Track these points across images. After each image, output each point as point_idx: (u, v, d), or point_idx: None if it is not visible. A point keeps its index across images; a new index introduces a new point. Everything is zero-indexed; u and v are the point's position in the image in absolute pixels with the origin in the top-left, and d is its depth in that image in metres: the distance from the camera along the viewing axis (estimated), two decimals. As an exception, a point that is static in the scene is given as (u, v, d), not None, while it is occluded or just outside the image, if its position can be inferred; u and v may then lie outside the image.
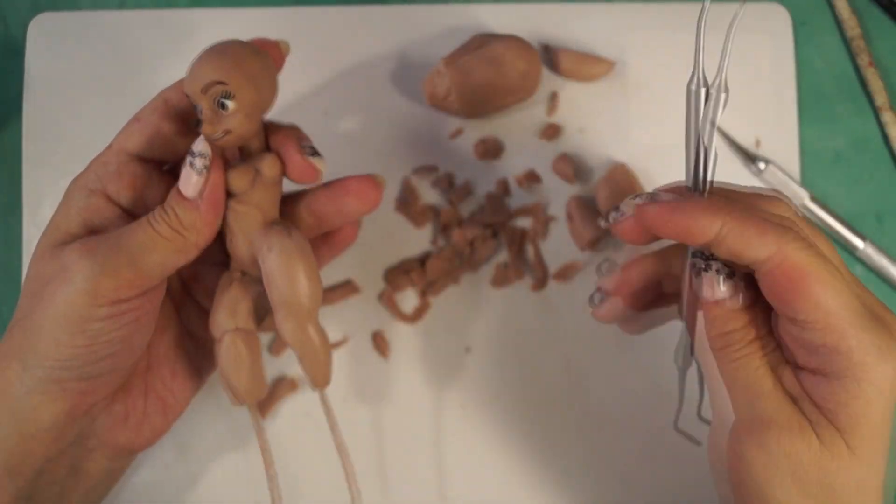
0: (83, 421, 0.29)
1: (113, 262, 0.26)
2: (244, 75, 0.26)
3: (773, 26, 0.42)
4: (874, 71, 0.42)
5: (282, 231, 0.29)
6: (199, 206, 0.27)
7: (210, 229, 0.28)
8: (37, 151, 0.41)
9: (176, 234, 0.27)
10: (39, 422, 0.27)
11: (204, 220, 0.28)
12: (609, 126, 0.42)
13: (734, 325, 0.25)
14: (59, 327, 0.26)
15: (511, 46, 0.38)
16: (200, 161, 0.27)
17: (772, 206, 0.26)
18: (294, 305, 0.28)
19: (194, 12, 0.43)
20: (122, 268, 0.26)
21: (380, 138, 0.42)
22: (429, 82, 0.39)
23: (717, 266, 0.25)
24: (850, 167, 0.42)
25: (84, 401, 0.28)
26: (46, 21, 0.42)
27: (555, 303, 0.40)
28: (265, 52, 0.28)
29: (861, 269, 0.42)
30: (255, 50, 0.27)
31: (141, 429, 0.31)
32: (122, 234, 0.27)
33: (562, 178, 0.41)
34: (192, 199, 0.27)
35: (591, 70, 0.41)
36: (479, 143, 0.41)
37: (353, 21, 0.42)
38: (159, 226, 0.27)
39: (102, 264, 0.26)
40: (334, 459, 0.39)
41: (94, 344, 0.27)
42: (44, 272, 0.27)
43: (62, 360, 0.27)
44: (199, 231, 0.28)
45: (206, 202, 0.27)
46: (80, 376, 0.28)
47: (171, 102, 0.29)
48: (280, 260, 0.28)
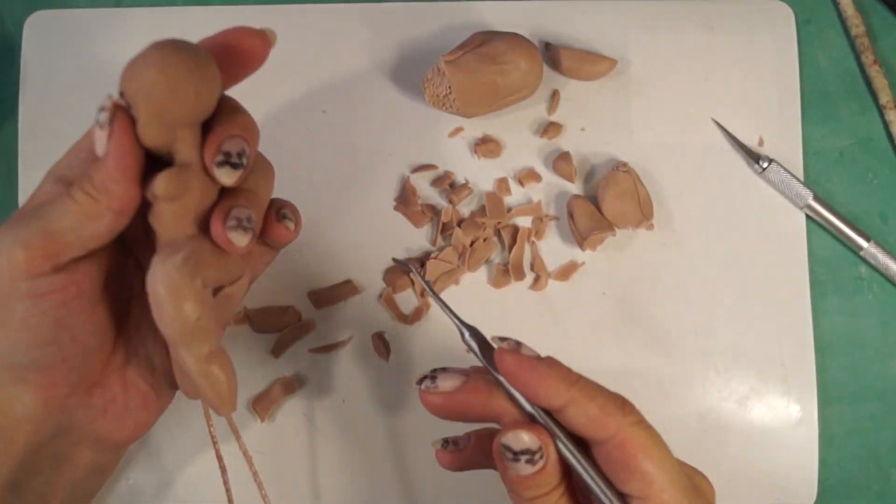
0: (60, 414, 0.29)
1: (25, 231, 0.26)
2: (138, 85, 0.26)
3: (777, 24, 0.42)
4: (878, 69, 0.42)
5: (166, 255, 0.27)
6: (108, 163, 0.26)
7: (120, 188, 0.26)
8: (33, 151, 0.41)
9: (88, 197, 0.26)
10: (14, 413, 0.28)
11: (111, 176, 0.26)
12: (611, 125, 0.41)
13: (548, 487, 0.26)
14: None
15: (512, 44, 0.38)
16: (104, 115, 0.26)
17: None
18: (185, 337, 0.27)
19: (191, 10, 0.42)
20: (34, 237, 0.26)
21: (379, 137, 0.41)
22: (429, 81, 0.39)
23: (527, 457, 0.26)
24: (855, 166, 0.42)
25: (51, 393, 0.28)
26: (42, 19, 0.42)
27: (555, 303, 0.40)
28: (195, 56, 0.26)
29: (866, 268, 0.41)
30: (176, 53, 0.26)
31: (123, 422, 0.31)
32: (42, 204, 0.27)
33: (562, 177, 0.41)
34: (103, 158, 0.26)
35: (592, 68, 0.41)
36: (479, 141, 0.41)
37: (352, 19, 0.42)
38: (75, 192, 0.26)
39: (16, 234, 0.26)
40: (334, 459, 0.39)
41: (26, 328, 0.27)
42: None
43: (4, 347, 0.27)
44: (111, 193, 0.26)
45: (112, 157, 0.26)
46: (33, 366, 0.27)
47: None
48: (159, 291, 0.26)
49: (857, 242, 0.40)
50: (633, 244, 0.41)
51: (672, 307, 0.40)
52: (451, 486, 0.39)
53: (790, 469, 0.39)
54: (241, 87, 0.41)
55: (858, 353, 0.41)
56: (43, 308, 0.27)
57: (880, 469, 0.40)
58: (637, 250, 0.41)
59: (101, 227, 0.27)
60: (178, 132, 0.26)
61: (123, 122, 0.26)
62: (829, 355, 0.41)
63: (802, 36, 0.42)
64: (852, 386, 0.41)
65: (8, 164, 0.41)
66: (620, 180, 0.39)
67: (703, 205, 0.41)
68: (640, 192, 0.39)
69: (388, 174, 0.41)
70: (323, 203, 0.41)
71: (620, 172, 0.39)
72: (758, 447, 0.39)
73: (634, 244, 0.41)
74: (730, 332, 0.40)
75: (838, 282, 0.41)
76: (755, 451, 0.39)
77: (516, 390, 0.27)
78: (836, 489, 0.40)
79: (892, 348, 0.41)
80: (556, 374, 0.26)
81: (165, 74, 0.25)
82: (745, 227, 0.41)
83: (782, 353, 0.40)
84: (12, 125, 0.41)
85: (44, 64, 0.41)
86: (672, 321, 0.40)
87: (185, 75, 0.26)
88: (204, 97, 0.26)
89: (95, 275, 0.28)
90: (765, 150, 0.41)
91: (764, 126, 0.41)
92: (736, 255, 0.41)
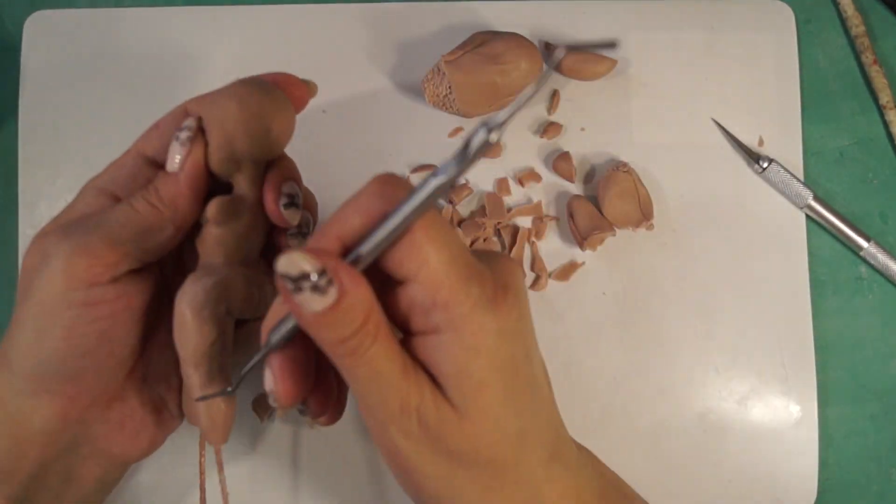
0: (77, 427, 0.29)
1: (86, 238, 0.26)
2: (218, 113, 0.28)
3: (777, 24, 0.42)
4: (878, 69, 0.42)
5: (199, 276, 0.28)
6: (179, 180, 0.28)
7: (186, 203, 0.28)
8: (33, 150, 0.41)
9: (152, 207, 0.27)
10: (31, 425, 0.27)
11: (181, 191, 0.28)
12: (611, 125, 0.41)
13: (354, 324, 0.22)
14: (38, 318, 0.26)
15: (512, 45, 0.38)
16: (185, 133, 0.28)
17: None
18: (196, 357, 0.28)
19: (191, 10, 0.42)
20: (94, 244, 0.26)
21: (379, 137, 0.41)
22: (429, 81, 0.39)
23: (313, 282, 0.21)
24: (855, 166, 0.42)
25: (74, 405, 0.28)
26: (42, 19, 0.42)
27: (554, 303, 0.40)
28: (276, 100, 0.28)
29: (866, 268, 0.41)
30: (258, 92, 0.28)
31: (137, 438, 0.31)
32: (100, 214, 0.27)
33: (563, 177, 0.41)
34: (174, 173, 0.28)
35: (592, 68, 0.41)
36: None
37: (352, 19, 0.42)
38: (137, 202, 0.27)
39: (76, 242, 0.26)
40: (333, 458, 0.39)
41: (71, 336, 0.27)
42: (29, 265, 0.27)
43: (42, 356, 0.27)
44: (176, 206, 0.28)
45: (186, 174, 0.28)
46: (63, 376, 0.27)
47: (192, 112, 0.30)
48: (184, 309, 0.27)
49: (857, 242, 0.40)
50: (633, 244, 0.41)
51: (672, 307, 0.40)
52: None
53: (790, 469, 0.39)
54: (241, 87, 0.41)
55: (858, 353, 0.41)
56: (91, 318, 0.27)
57: (880, 469, 0.40)
58: (637, 250, 0.41)
59: (161, 239, 0.28)
60: (242, 164, 0.28)
61: (201, 144, 0.28)
62: (829, 355, 0.41)
63: (802, 36, 0.42)
64: (852, 386, 0.41)
65: (8, 164, 0.41)
66: (620, 180, 0.39)
67: (703, 205, 0.41)
68: (641, 192, 0.39)
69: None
70: (323, 203, 0.41)
71: (620, 172, 0.39)
72: (758, 447, 0.39)
73: (634, 244, 0.41)
74: (730, 332, 0.40)
75: (838, 282, 0.41)
76: (755, 451, 0.39)
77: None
78: (836, 489, 0.40)
79: (892, 348, 0.41)
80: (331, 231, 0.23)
81: (244, 109, 0.27)
82: (745, 227, 0.41)
83: (782, 353, 0.40)
84: (12, 125, 0.41)
85: (44, 64, 0.41)
86: (672, 321, 0.40)
87: (262, 114, 0.28)
88: (274, 138, 0.28)
89: (143, 290, 0.29)
90: (765, 150, 0.41)
91: (764, 126, 0.41)
92: (736, 255, 0.41)
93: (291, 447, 0.39)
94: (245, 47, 0.42)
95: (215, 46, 0.42)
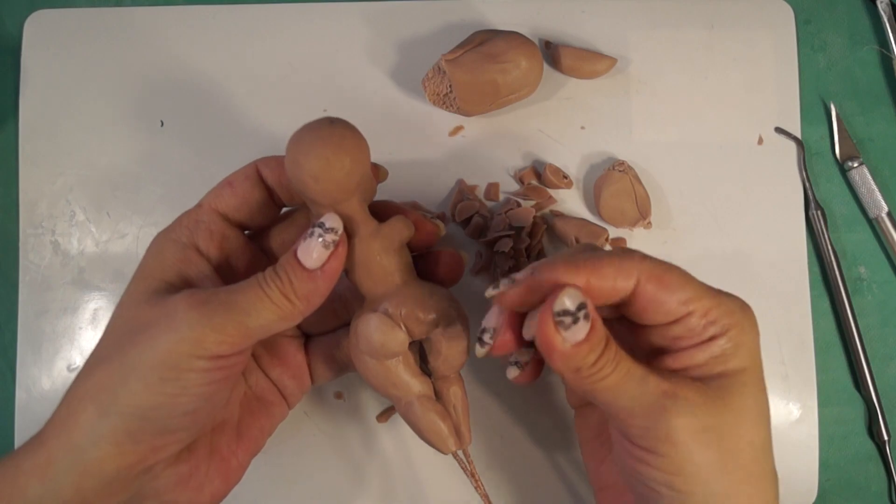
0: (145, 478, 0.28)
1: (221, 318, 0.26)
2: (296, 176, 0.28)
3: (777, 23, 0.42)
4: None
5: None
6: (317, 277, 0.27)
7: (320, 299, 0.28)
8: (33, 150, 0.41)
9: (286, 300, 0.27)
10: (102, 473, 0.26)
11: (319, 291, 0.28)
12: (610, 123, 0.41)
13: (595, 353, 0.26)
14: (154, 371, 0.26)
15: (512, 43, 0.38)
16: (331, 236, 0.27)
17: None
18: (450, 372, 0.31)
19: (192, 10, 0.42)
20: (228, 325, 0.26)
21: (379, 136, 0.41)
22: (430, 79, 0.39)
23: (583, 312, 0.25)
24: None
25: (152, 456, 0.27)
26: (43, 18, 0.42)
27: (556, 302, 0.40)
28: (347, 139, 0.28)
29: (865, 268, 0.41)
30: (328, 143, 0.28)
31: (201, 491, 0.30)
32: (232, 292, 0.27)
33: (551, 187, 0.41)
34: (311, 270, 0.27)
35: (592, 67, 0.41)
36: (479, 140, 0.41)
37: (353, 18, 0.42)
38: (270, 290, 0.27)
39: (211, 318, 0.26)
40: (332, 458, 0.39)
41: (182, 395, 0.26)
42: (142, 316, 0.27)
43: (145, 407, 0.26)
44: (310, 301, 0.28)
45: (326, 275, 0.28)
46: (157, 429, 0.27)
47: (264, 174, 0.30)
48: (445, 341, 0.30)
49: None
50: (633, 243, 0.41)
51: (672, 306, 0.40)
52: (451, 484, 0.39)
53: (790, 469, 0.39)
54: (242, 88, 0.41)
55: (858, 354, 0.41)
56: (208, 381, 0.27)
57: (880, 469, 0.40)
58: (637, 248, 0.40)
59: (289, 326, 0.28)
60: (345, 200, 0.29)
61: (346, 247, 0.28)
62: (829, 355, 0.41)
63: (802, 36, 0.42)
64: (852, 386, 0.41)
65: (8, 164, 0.41)
66: (616, 179, 0.39)
67: (702, 203, 0.41)
68: (637, 190, 0.39)
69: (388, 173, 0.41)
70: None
71: (616, 172, 0.39)
72: (758, 446, 0.39)
73: (635, 243, 0.41)
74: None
75: (838, 282, 0.41)
76: (755, 450, 0.39)
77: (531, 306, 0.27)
78: (836, 489, 0.40)
79: (892, 348, 0.41)
80: (559, 266, 0.26)
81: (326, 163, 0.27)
82: (745, 226, 0.41)
83: (782, 352, 0.40)
84: (12, 125, 0.41)
85: (44, 64, 0.41)
86: (672, 320, 0.40)
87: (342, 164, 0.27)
88: (353, 175, 0.28)
89: (248, 356, 0.29)
90: (764, 149, 0.41)
91: (763, 125, 0.41)
92: (736, 254, 0.41)
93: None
94: (245, 47, 0.42)
95: (215, 46, 0.42)
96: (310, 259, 0.27)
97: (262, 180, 0.31)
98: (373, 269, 0.29)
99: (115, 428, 0.26)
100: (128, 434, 0.26)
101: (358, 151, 0.28)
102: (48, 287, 0.40)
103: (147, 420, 0.26)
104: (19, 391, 0.40)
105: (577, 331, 0.25)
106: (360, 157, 0.28)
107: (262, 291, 0.27)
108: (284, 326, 0.28)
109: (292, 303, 0.27)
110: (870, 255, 0.41)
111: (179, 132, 0.41)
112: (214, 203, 0.30)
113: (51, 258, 0.40)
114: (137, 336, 0.26)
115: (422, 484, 0.39)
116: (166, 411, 0.26)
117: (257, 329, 0.27)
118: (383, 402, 0.40)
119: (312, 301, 0.28)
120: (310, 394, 0.40)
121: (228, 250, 0.30)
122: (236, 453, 0.31)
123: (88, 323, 0.40)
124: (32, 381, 0.40)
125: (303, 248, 0.27)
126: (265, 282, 0.27)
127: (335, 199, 0.28)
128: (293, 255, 0.27)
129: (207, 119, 0.41)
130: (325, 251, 0.27)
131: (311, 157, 0.27)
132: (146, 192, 0.41)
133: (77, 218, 0.41)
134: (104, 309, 0.40)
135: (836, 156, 0.42)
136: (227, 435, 0.31)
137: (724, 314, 0.27)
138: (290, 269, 0.27)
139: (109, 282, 0.40)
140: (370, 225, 0.29)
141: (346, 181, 0.27)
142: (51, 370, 0.40)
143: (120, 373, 0.26)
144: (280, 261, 0.28)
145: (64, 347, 0.40)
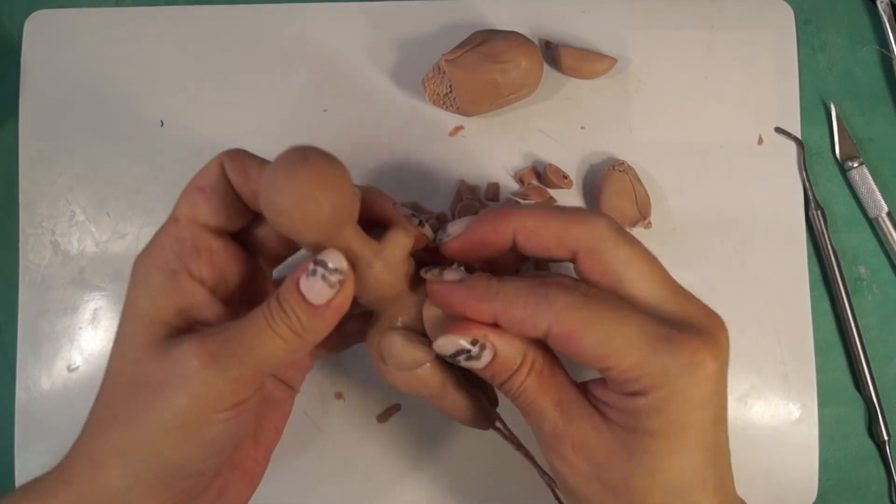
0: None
1: (236, 370, 0.26)
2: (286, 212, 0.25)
3: (777, 23, 0.42)
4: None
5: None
6: (325, 314, 0.26)
7: (328, 331, 0.27)
8: (33, 150, 0.41)
9: (296, 337, 0.26)
10: None
11: (328, 324, 0.27)
12: (611, 123, 0.41)
13: (510, 371, 0.27)
14: (176, 431, 0.25)
15: (512, 43, 0.38)
16: (336, 276, 0.26)
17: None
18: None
19: (192, 9, 0.42)
20: (244, 374, 0.26)
21: (379, 135, 0.41)
22: (429, 79, 0.39)
23: (466, 356, 0.27)
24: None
25: (185, 496, 0.27)
26: (42, 18, 0.42)
27: (556, 302, 0.40)
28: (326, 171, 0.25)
29: (865, 268, 0.41)
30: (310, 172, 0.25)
31: (231, 502, 0.30)
32: (241, 334, 0.26)
33: (551, 188, 0.41)
34: (318, 307, 0.26)
35: (592, 67, 0.41)
36: (479, 140, 0.41)
37: (353, 17, 0.42)
38: (279, 327, 0.26)
39: (226, 371, 0.25)
40: (332, 458, 0.39)
41: (210, 445, 0.26)
42: (150, 372, 0.26)
43: (175, 464, 0.26)
44: (318, 334, 0.27)
45: (334, 310, 0.26)
46: (189, 474, 0.27)
47: (230, 176, 0.28)
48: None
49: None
50: (633, 243, 0.41)
51: (672, 306, 0.40)
52: (451, 484, 0.39)
53: (790, 468, 0.39)
54: (241, 89, 0.41)
55: (858, 353, 0.41)
56: (234, 426, 0.27)
57: (880, 469, 0.40)
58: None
59: (299, 357, 0.28)
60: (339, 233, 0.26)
61: (352, 283, 0.27)
62: (829, 355, 0.41)
63: (802, 36, 0.42)
64: (852, 386, 0.41)
65: (8, 164, 0.41)
66: (616, 179, 0.39)
67: (702, 203, 0.41)
68: (637, 190, 0.39)
69: (387, 173, 0.41)
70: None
71: (616, 172, 0.39)
72: (758, 446, 0.39)
73: (634, 243, 0.41)
74: (730, 331, 0.40)
75: (838, 281, 0.41)
76: (755, 449, 0.39)
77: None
78: (836, 489, 0.40)
79: (892, 348, 0.41)
80: (473, 294, 0.27)
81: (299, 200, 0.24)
82: (745, 226, 0.41)
83: (782, 351, 0.40)
84: (12, 125, 0.41)
85: (44, 64, 0.41)
86: (672, 320, 0.40)
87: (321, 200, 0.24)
88: (339, 212, 0.25)
89: (262, 385, 0.29)
90: (764, 150, 0.41)
91: (763, 125, 0.41)
92: (736, 254, 0.41)
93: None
94: (245, 46, 0.42)
95: (215, 45, 0.42)
96: (316, 298, 0.26)
97: (229, 179, 0.28)
98: (382, 289, 0.28)
99: (147, 480, 0.26)
100: (158, 485, 0.26)
101: (340, 180, 0.25)
102: (48, 287, 0.40)
103: (178, 471, 0.26)
104: (19, 391, 0.40)
105: (477, 363, 0.27)
106: (345, 187, 0.25)
107: (272, 330, 0.26)
108: (296, 358, 0.27)
109: (302, 338, 0.26)
110: (870, 255, 0.41)
111: (179, 132, 0.41)
112: (191, 213, 0.28)
113: (51, 258, 0.40)
114: (151, 396, 0.26)
115: (422, 484, 0.39)
116: (197, 462, 0.27)
117: (271, 368, 0.27)
118: (383, 402, 0.40)
119: (322, 333, 0.27)
120: (310, 394, 0.40)
121: (220, 265, 0.28)
122: (256, 458, 0.31)
123: (88, 323, 0.40)
124: (32, 381, 0.40)
125: (306, 286, 0.26)
126: (273, 320, 0.26)
127: (329, 237, 0.26)
128: (297, 291, 0.26)
129: (207, 119, 0.41)
130: (331, 290, 0.26)
131: (294, 203, 0.24)
132: (146, 192, 0.41)
133: (77, 218, 0.41)
134: (104, 309, 0.40)
135: (836, 156, 0.42)
136: (246, 446, 0.31)
137: (653, 374, 0.25)
138: (296, 306, 0.26)
139: (109, 282, 0.40)
140: (370, 248, 0.27)
141: (338, 217, 0.25)
142: (51, 370, 0.40)
143: (143, 435, 0.25)
144: (284, 293, 0.26)
145: (64, 347, 0.40)
